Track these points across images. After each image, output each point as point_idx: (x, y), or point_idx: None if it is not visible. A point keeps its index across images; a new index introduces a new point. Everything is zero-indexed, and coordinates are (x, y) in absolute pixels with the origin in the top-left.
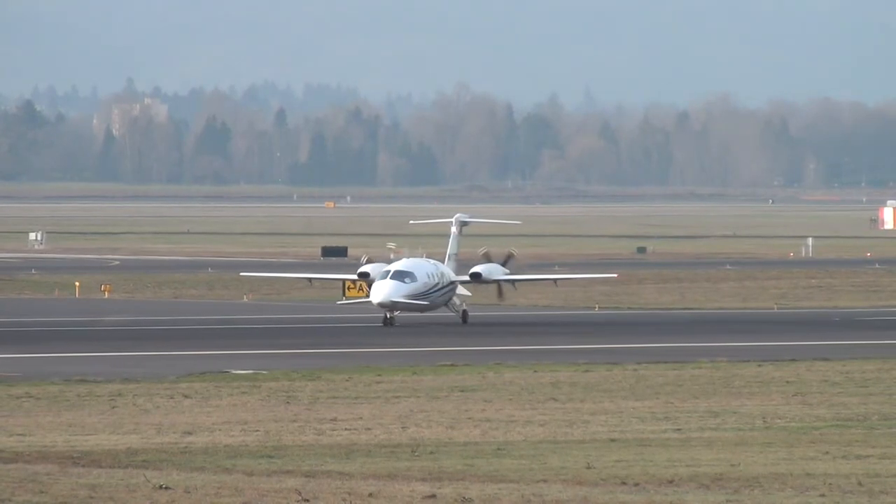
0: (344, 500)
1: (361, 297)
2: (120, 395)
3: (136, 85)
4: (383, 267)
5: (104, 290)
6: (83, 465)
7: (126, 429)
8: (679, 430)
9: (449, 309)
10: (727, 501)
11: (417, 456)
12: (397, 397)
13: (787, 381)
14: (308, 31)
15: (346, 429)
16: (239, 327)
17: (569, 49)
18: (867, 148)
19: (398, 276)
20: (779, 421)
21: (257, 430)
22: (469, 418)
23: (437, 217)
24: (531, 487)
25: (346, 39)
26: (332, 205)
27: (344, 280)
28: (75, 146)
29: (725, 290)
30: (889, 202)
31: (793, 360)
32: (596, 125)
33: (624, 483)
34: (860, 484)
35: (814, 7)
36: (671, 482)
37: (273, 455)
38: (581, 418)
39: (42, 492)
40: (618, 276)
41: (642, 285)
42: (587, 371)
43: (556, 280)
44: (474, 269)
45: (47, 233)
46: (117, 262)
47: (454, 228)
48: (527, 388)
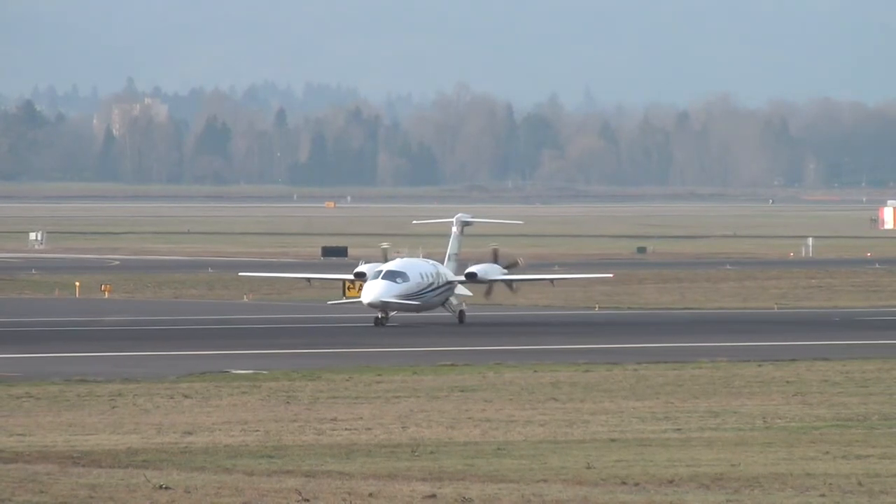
0: (344, 500)
1: (357, 297)
2: (120, 394)
3: (137, 85)
4: (377, 267)
5: (104, 290)
6: (83, 465)
7: (126, 429)
8: (679, 430)
9: (446, 309)
10: (727, 501)
11: (417, 456)
12: (397, 397)
13: (788, 381)
14: (308, 31)
15: (346, 429)
16: (239, 327)
17: (569, 49)
18: (867, 148)
19: (390, 276)
20: (779, 421)
21: (257, 430)
22: (469, 418)
23: (439, 217)
24: (531, 487)
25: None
26: (332, 205)
27: (344, 280)
28: (75, 146)
29: (725, 290)
30: (889, 202)
31: (793, 359)
32: (596, 125)
33: (624, 483)
34: (860, 484)
35: (814, 7)
36: (671, 482)
37: (273, 455)
38: (581, 418)
39: (42, 492)
40: (613, 275)
41: (642, 285)
42: (587, 371)
43: (552, 280)
44: (470, 269)
45: (47, 233)
46: (117, 262)
47: (455, 228)
48: (527, 388)
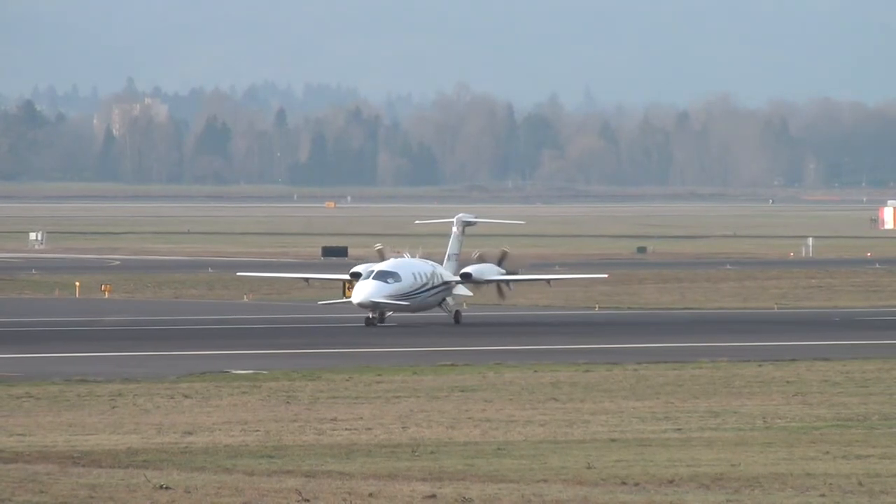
0: (344, 500)
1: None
2: (120, 394)
3: (137, 85)
4: (370, 267)
5: (104, 290)
6: (83, 465)
7: (126, 429)
8: (679, 430)
9: (442, 309)
10: (727, 501)
11: (418, 456)
12: (398, 397)
13: (788, 381)
14: (308, 31)
15: (346, 429)
16: (239, 327)
17: (569, 49)
18: (867, 148)
19: (381, 276)
20: (779, 421)
21: (257, 430)
22: (469, 418)
23: (441, 217)
24: (531, 487)
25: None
26: (332, 205)
27: (344, 280)
28: (75, 146)
29: (726, 290)
30: (889, 202)
31: (793, 360)
32: (596, 125)
33: (624, 483)
34: (860, 484)
35: (814, 7)
36: (671, 482)
37: (273, 455)
38: (581, 418)
39: (42, 492)
40: (609, 276)
41: (642, 285)
42: (587, 371)
43: (549, 280)
44: (465, 269)
45: (48, 233)
46: (117, 262)
47: (455, 228)
48: (527, 388)
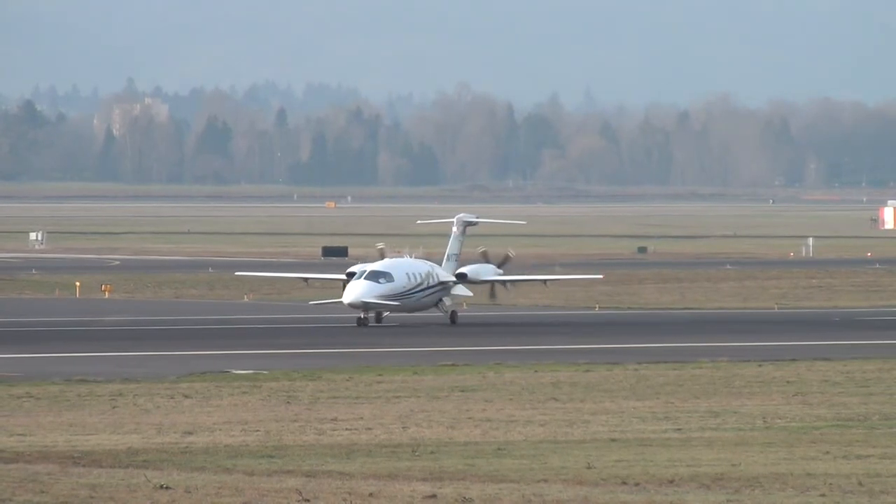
0: (344, 499)
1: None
2: (120, 394)
3: (137, 85)
4: (364, 267)
5: (105, 290)
6: (84, 465)
7: (127, 429)
8: (679, 429)
9: (438, 309)
10: (728, 501)
11: (418, 456)
12: (398, 397)
13: (788, 381)
14: (308, 31)
15: (346, 429)
16: (239, 327)
17: (569, 49)
18: (867, 148)
19: (373, 276)
20: (779, 421)
21: (258, 430)
22: (469, 418)
23: (443, 217)
24: (532, 487)
25: (347, 39)
26: (332, 205)
27: (343, 280)
28: (76, 146)
29: (726, 289)
30: (889, 202)
31: (793, 360)
32: (596, 125)
33: (624, 483)
34: (861, 484)
35: (814, 7)
36: (672, 482)
37: (274, 455)
38: (581, 418)
39: (43, 492)
40: (604, 276)
41: (643, 285)
42: (588, 371)
43: (545, 281)
44: (460, 269)
45: (48, 233)
46: (118, 262)
47: (455, 228)
48: (527, 388)
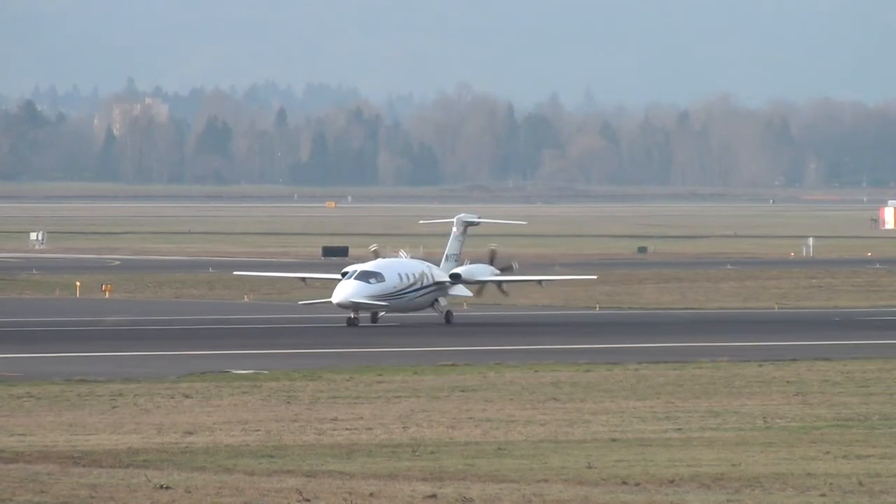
0: (345, 499)
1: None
2: (121, 394)
3: (137, 85)
4: (356, 267)
5: (105, 290)
6: (84, 465)
7: (127, 428)
8: (680, 429)
9: (434, 309)
10: (728, 501)
11: (418, 456)
12: (398, 397)
13: (788, 381)
14: (308, 31)
15: (346, 429)
16: (239, 327)
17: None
18: (868, 148)
19: (363, 276)
20: (780, 421)
21: (258, 430)
22: (470, 418)
23: (445, 217)
24: (532, 487)
25: (347, 39)
26: (333, 205)
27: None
28: (76, 146)
29: (726, 289)
30: (890, 202)
31: (794, 359)
32: (596, 125)
33: (625, 483)
34: (861, 484)
35: (814, 7)
36: (672, 482)
37: (274, 455)
38: (582, 418)
39: (43, 491)
40: (598, 277)
41: (643, 285)
42: (588, 371)
43: (540, 281)
44: (454, 269)
45: (48, 233)
46: (118, 262)
47: (454, 228)
48: (527, 388)
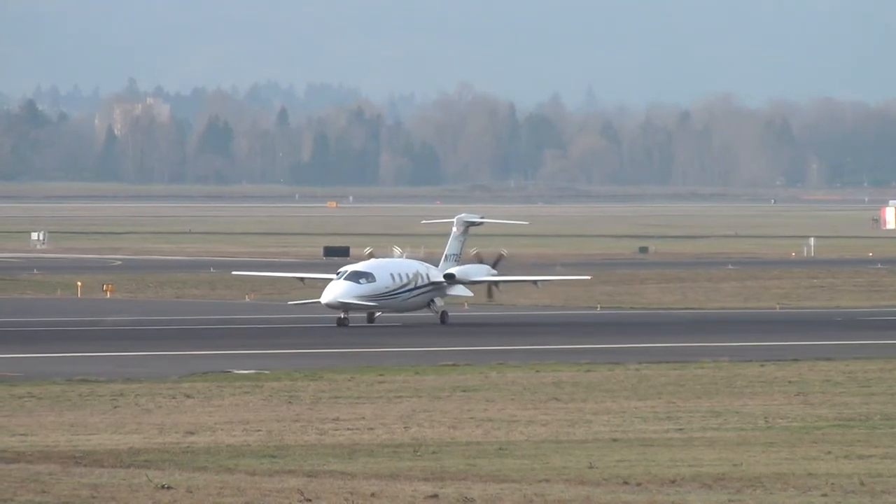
0: (346, 499)
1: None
2: (122, 394)
3: (138, 84)
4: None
5: (106, 290)
6: (85, 465)
7: (128, 428)
8: (681, 429)
9: (429, 309)
10: (729, 501)
11: (419, 456)
12: (399, 397)
13: (790, 381)
14: (310, 31)
15: (348, 429)
16: (241, 327)
17: (570, 49)
18: (869, 148)
19: (353, 276)
20: (781, 421)
21: (259, 430)
22: (471, 418)
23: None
24: (533, 487)
25: (348, 39)
26: (334, 205)
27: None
28: (77, 146)
29: (727, 289)
30: (891, 202)
31: (795, 359)
32: (598, 125)
33: (626, 483)
34: (862, 484)
35: (815, 7)
36: (673, 482)
37: (275, 455)
38: (583, 418)
39: (44, 492)
40: (591, 277)
41: (644, 285)
42: (589, 371)
43: (535, 281)
44: (448, 270)
45: (49, 233)
46: (119, 262)
47: (454, 228)
48: (529, 388)
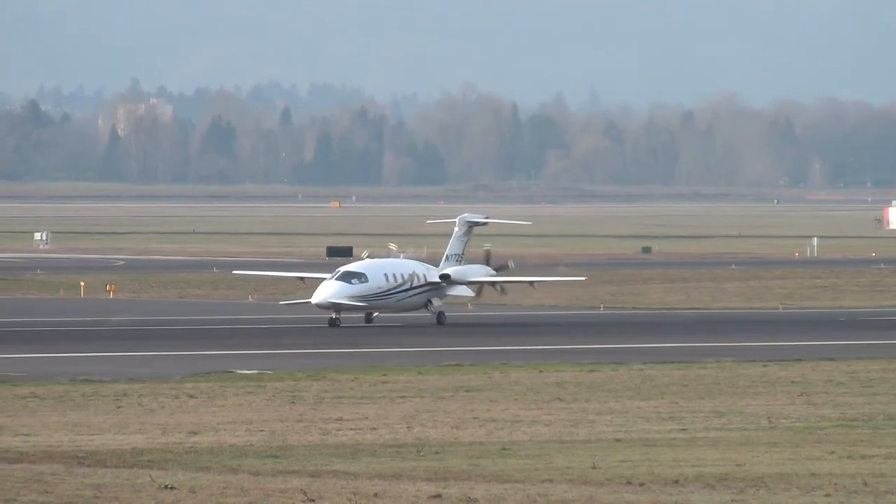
0: (349, 499)
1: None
2: (125, 394)
3: (142, 85)
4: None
5: (109, 290)
6: (88, 465)
7: (131, 429)
8: (684, 430)
9: (427, 310)
10: (732, 501)
11: (423, 456)
12: (402, 397)
13: (793, 381)
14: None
15: (351, 429)
16: (244, 327)
17: (574, 49)
18: (872, 148)
19: (345, 276)
20: (784, 421)
21: (262, 430)
22: (474, 418)
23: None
24: (536, 487)
25: (351, 39)
26: (337, 205)
27: None
28: (80, 146)
29: (731, 290)
30: (894, 202)
31: (798, 360)
32: (601, 125)
33: (629, 483)
34: (865, 484)
35: (819, 7)
36: (676, 482)
37: (278, 455)
38: (586, 418)
39: (47, 492)
40: (586, 278)
41: (647, 285)
42: (592, 371)
43: (532, 282)
44: (444, 270)
45: (52, 233)
46: (122, 262)
47: (456, 228)
48: (532, 388)
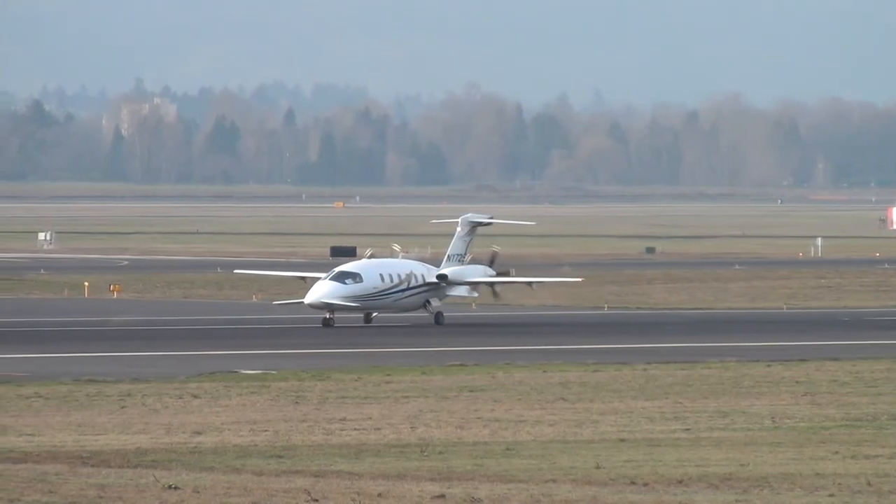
0: (353, 500)
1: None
2: (129, 395)
3: (146, 84)
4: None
5: (113, 290)
6: (92, 465)
7: (135, 429)
8: (688, 429)
9: (425, 310)
10: (736, 501)
11: (426, 456)
12: (406, 397)
13: (797, 381)
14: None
15: (355, 429)
16: (248, 327)
17: (577, 49)
18: (876, 148)
19: (340, 276)
20: (788, 421)
21: (266, 430)
22: (478, 418)
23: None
24: (540, 487)
25: (355, 39)
26: (341, 205)
27: None
28: (84, 146)
29: (734, 290)
30: None
31: (802, 360)
32: (605, 125)
33: (633, 483)
34: (869, 484)
35: (823, 7)
36: (680, 482)
37: (282, 455)
38: (590, 418)
39: (51, 492)
40: (582, 280)
41: (651, 285)
42: (596, 371)
43: (530, 283)
44: (441, 270)
45: (56, 233)
46: (126, 262)
47: (459, 228)
48: (536, 388)
